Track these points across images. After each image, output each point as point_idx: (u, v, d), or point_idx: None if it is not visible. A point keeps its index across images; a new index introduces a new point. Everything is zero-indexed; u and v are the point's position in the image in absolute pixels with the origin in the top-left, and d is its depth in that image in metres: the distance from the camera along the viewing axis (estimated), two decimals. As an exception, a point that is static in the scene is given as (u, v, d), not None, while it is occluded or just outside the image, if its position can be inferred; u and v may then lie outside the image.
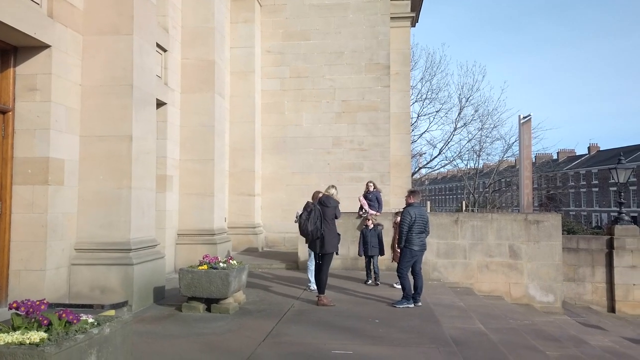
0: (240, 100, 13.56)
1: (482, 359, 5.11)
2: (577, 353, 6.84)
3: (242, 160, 13.48)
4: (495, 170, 35.97)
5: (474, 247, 10.73)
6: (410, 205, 7.30)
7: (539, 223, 10.53)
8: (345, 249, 10.45)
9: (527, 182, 15.28)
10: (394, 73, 14.98)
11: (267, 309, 6.68)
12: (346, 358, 4.68)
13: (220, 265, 6.51)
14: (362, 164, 14.30)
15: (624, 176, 14.16)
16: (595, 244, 13.16)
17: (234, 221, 13.11)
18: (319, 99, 14.30)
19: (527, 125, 15.05)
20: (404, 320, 6.27)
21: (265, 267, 10.64)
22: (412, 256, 7.17)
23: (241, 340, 5.22)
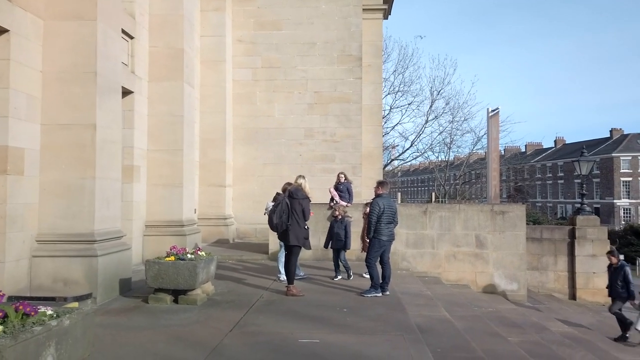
0: (211, 89, 13.38)
1: (446, 346, 5.24)
2: (537, 339, 7.09)
3: (212, 151, 13.34)
4: (465, 163, 36.66)
5: (442, 237, 10.94)
6: (379, 196, 7.38)
7: (504, 214, 10.81)
8: (316, 239, 10.46)
9: (494, 174, 15.63)
10: (366, 65, 15.02)
11: (235, 300, 6.66)
12: (313, 347, 4.72)
13: (187, 256, 6.45)
14: (334, 156, 14.35)
15: (586, 168, 14.65)
16: (558, 234, 13.61)
17: (204, 212, 12.99)
18: (291, 89, 14.24)
19: (495, 118, 15.37)
20: (371, 309, 6.36)
21: (235, 259, 10.60)
22: (381, 246, 7.26)
23: (208, 331, 5.20)
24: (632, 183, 61.10)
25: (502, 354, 5.56)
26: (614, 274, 9.26)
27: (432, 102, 31.90)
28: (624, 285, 9.01)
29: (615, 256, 9.40)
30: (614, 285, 9.19)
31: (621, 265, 9.23)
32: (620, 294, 9.06)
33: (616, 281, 9.15)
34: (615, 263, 9.32)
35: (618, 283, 9.08)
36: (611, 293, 9.33)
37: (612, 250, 9.64)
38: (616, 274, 9.20)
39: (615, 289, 9.17)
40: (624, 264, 9.30)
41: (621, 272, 9.10)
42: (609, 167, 62.16)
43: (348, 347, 4.73)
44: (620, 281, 9.06)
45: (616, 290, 9.14)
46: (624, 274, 9.05)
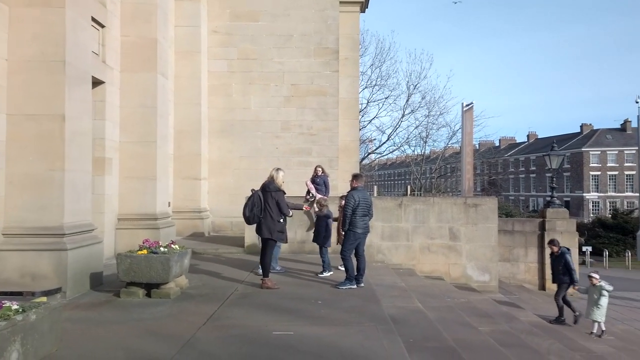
0: (186, 81, 13.17)
1: (418, 336, 5.33)
2: (507, 328, 7.26)
3: (187, 144, 13.16)
4: (440, 157, 37.15)
5: (417, 229, 11.08)
6: (354, 189, 7.41)
7: (477, 206, 11.02)
8: (293, 232, 10.49)
9: (468, 167, 15.93)
10: (343, 58, 15.02)
11: (210, 293, 6.62)
12: (287, 339, 4.74)
13: (161, 249, 6.37)
14: (311, 149, 14.34)
15: (556, 162, 15.03)
16: (529, 226, 13.95)
17: (179, 206, 12.83)
18: (268, 82, 14.14)
19: (469, 112, 15.63)
20: (346, 300, 6.41)
21: (210, 252, 10.51)
22: (356, 239, 7.30)
23: (181, 325, 5.16)
24: (600, 177, 63.04)
25: (473, 343, 5.68)
26: (556, 261, 9.61)
27: (408, 96, 32.23)
28: (566, 272, 9.37)
29: (555, 245, 9.68)
30: (557, 272, 9.56)
31: (562, 253, 9.52)
32: (563, 280, 9.43)
33: (558, 268, 9.51)
34: (556, 251, 9.63)
35: (560, 269, 9.45)
36: (555, 280, 9.71)
37: (552, 240, 9.92)
38: (557, 262, 9.54)
39: (558, 276, 9.54)
40: (565, 251, 9.58)
41: (562, 260, 9.43)
42: (579, 161, 63.97)
43: (322, 338, 4.77)
44: (562, 268, 9.41)
45: (559, 277, 9.51)
46: (565, 261, 9.38)
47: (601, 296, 8.88)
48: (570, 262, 9.41)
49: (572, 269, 9.42)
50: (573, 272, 9.41)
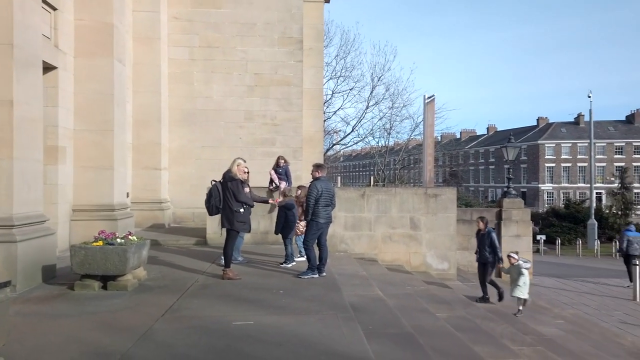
0: (145, 68, 12.79)
1: (378, 323, 5.42)
2: (464, 314, 7.50)
3: (147, 132, 12.82)
4: (403, 148, 37.72)
5: (379, 219, 11.23)
6: (317, 179, 7.42)
7: (437, 197, 11.27)
8: (255, 223, 10.42)
9: (429, 158, 16.19)
10: (307, 48, 14.95)
11: (169, 285, 6.51)
12: (246, 328, 4.72)
13: (117, 240, 6.20)
14: (275, 139, 14.26)
15: (512, 154, 15.54)
16: (486, 215, 14.35)
17: (138, 196, 12.51)
18: (231, 70, 13.92)
19: (430, 105, 15.86)
20: (307, 290, 6.44)
21: (171, 243, 10.32)
22: (318, 229, 7.32)
23: (138, 317, 5.05)
24: (555, 169, 65.71)
25: (430, 328, 5.83)
26: (482, 239, 9.62)
27: (372, 87, 32.50)
28: (492, 251, 9.44)
29: (483, 222, 9.72)
30: (482, 250, 9.58)
31: (488, 232, 9.57)
32: (488, 259, 9.49)
33: (484, 247, 9.53)
34: (483, 229, 9.66)
35: (486, 248, 9.49)
36: (479, 259, 9.72)
37: (482, 217, 9.93)
38: (484, 240, 9.56)
39: (483, 254, 9.56)
40: (491, 230, 9.64)
41: (488, 238, 9.48)
42: (535, 153, 66.44)
43: (282, 327, 4.78)
44: (487, 246, 9.47)
45: (484, 255, 9.53)
46: (491, 240, 9.45)
47: (520, 275, 9.03)
48: (495, 241, 9.48)
49: (497, 247, 9.50)
50: (498, 251, 9.48)
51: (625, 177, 36.89)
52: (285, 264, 8.13)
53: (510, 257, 9.33)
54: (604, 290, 14.28)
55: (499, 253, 9.48)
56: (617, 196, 34.29)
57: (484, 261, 9.59)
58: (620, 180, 36.78)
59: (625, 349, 8.16)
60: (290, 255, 8.23)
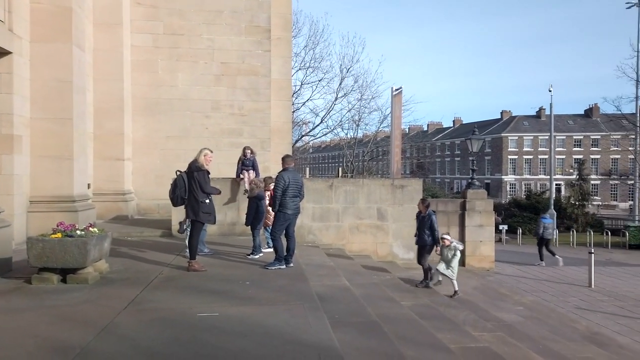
0: (106, 55, 12.36)
1: (344, 312, 5.47)
2: (428, 302, 7.68)
3: (109, 122, 12.43)
4: (372, 140, 38.01)
5: (347, 210, 11.32)
6: (284, 170, 7.38)
7: (403, 188, 11.44)
8: (222, 214, 10.34)
9: (397, 150, 16.40)
10: (276, 38, 14.79)
11: (132, 277, 6.37)
12: (212, 320, 4.68)
13: (77, 232, 6.01)
14: (242, 130, 14.09)
15: (476, 146, 15.91)
16: (451, 206, 14.69)
17: (100, 187, 12.16)
18: (197, 59, 13.63)
19: (398, 97, 16.03)
20: (274, 280, 6.43)
21: (135, 235, 10.09)
22: (286, 220, 7.30)
23: (99, 310, 4.93)
24: (517, 161, 67.75)
25: (395, 316, 5.94)
26: (422, 222, 9.48)
27: (341, 79, 32.49)
28: (431, 234, 9.34)
29: (424, 205, 9.58)
30: (422, 233, 9.46)
31: (429, 214, 9.45)
32: (427, 242, 9.39)
33: (423, 229, 9.41)
34: (424, 211, 9.51)
35: (425, 231, 9.38)
36: (419, 241, 9.60)
37: (424, 200, 9.79)
38: (424, 222, 9.44)
39: (422, 237, 9.44)
40: (431, 212, 9.52)
41: (428, 221, 9.37)
42: (499, 146, 68.29)
43: (247, 318, 4.76)
44: (427, 229, 9.36)
45: (423, 238, 9.42)
46: (431, 222, 9.34)
47: (454, 256, 9.09)
48: (435, 224, 9.39)
49: (436, 230, 9.40)
50: (436, 234, 9.39)
51: (583, 169, 38.32)
52: (253, 255, 8.08)
53: (444, 238, 9.35)
54: (562, 278, 14.89)
55: (437, 236, 9.42)
56: (575, 187, 35.60)
57: (423, 244, 9.51)
58: (578, 172, 38.19)
59: (580, 333, 8.55)
60: (258, 247, 8.18)
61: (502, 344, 6.15)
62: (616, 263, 18.61)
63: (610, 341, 8.41)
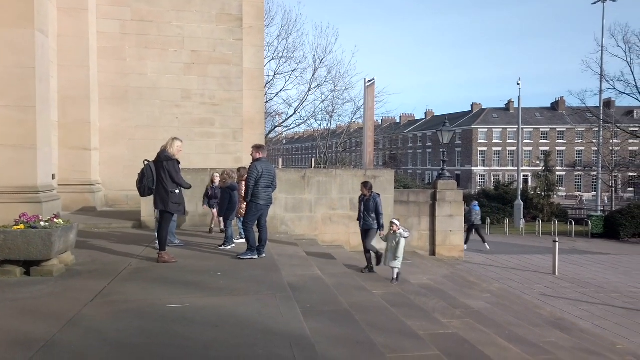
0: (71, 41, 11.94)
1: (315, 301, 5.50)
2: (399, 290, 7.79)
3: (74, 110, 12.04)
4: (345, 131, 38.11)
5: (320, 201, 11.34)
6: (257, 160, 7.33)
7: (375, 178, 11.52)
8: (193, 205, 10.21)
9: (369, 141, 16.50)
10: (248, 27, 14.59)
11: (99, 269, 6.23)
12: (182, 311, 4.62)
13: (41, 224, 5.82)
14: (214, 120, 13.89)
15: (447, 137, 16.16)
16: (422, 197, 14.91)
17: (66, 178, 11.80)
18: (166, 47, 13.31)
19: (371, 88, 16.10)
20: (246, 271, 6.40)
21: (103, 227, 9.86)
22: (258, 210, 7.26)
23: (65, 302, 4.80)
24: (487, 152, 69.24)
25: (366, 305, 6.01)
26: (367, 205, 8.93)
27: (315, 70, 32.37)
28: (376, 217, 8.85)
29: (367, 187, 9.00)
30: (367, 217, 8.93)
31: (373, 197, 8.91)
32: (372, 225, 8.89)
33: (369, 212, 8.89)
34: (368, 194, 8.96)
35: (371, 215, 8.86)
36: (363, 225, 9.03)
37: (366, 183, 9.16)
38: (368, 205, 8.90)
39: (366, 221, 8.91)
40: (376, 195, 8.98)
41: (373, 204, 8.87)
42: (469, 137, 69.61)
43: (219, 308, 4.72)
44: (372, 212, 8.86)
45: (367, 222, 8.90)
46: (376, 205, 8.85)
47: (398, 244, 8.51)
48: (380, 207, 8.91)
49: (381, 213, 8.92)
50: (381, 217, 8.90)
51: (549, 160, 39.48)
52: (225, 246, 8.02)
53: (393, 223, 8.74)
54: (528, 266, 15.35)
55: (381, 220, 8.91)
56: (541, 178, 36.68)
57: (368, 228, 8.96)
58: (544, 163, 39.32)
59: (544, 319, 8.85)
60: (230, 238, 8.13)
61: (470, 330, 6.31)
62: (579, 251, 19.32)
63: (572, 326, 8.75)
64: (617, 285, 12.75)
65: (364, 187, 9.05)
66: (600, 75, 32.10)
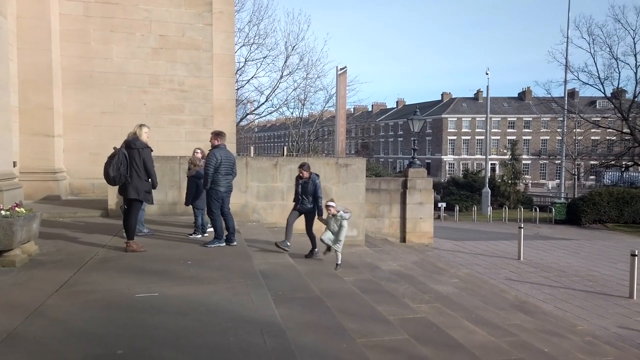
0: (32, 22, 11.42)
1: (287, 288, 5.52)
2: (369, 277, 7.90)
3: (36, 95, 11.56)
4: (317, 120, 38.03)
5: (292, 189, 11.16)
6: (216, 147, 7.22)
7: (347, 166, 11.57)
8: (163, 194, 10.04)
9: (341, 130, 16.54)
10: (218, 12, 14.28)
11: (64, 259, 6.06)
12: (151, 300, 4.55)
13: (1, 213, 5.61)
14: (183, 106, 13.61)
15: (418, 126, 16.35)
16: (393, 185, 15.11)
17: (28, 166, 11.37)
18: (133, 30, 12.90)
19: (343, 76, 16.08)
20: (217, 259, 6.34)
21: (68, 216, 9.58)
22: (219, 197, 7.17)
23: (28, 293, 4.66)
24: (456, 141, 70.46)
25: (337, 291, 6.06)
26: (304, 187, 8.07)
27: (286, 57, 32.01)
28: (313, 200, 7.98)
29: (304, 168, 8.07)
30: (305, 200, 8.09)
31: (312, 179, 8.03)
32: (309, 210, 8.09)
33: (307, 196, 8.04)
34: (306, 177, 8.05)
35: (308, 198, 8.03)
36: (300, 208, 8.18)
37: (304, 164, 8.26)
38: (306, 189, 8.03)
39: (304, 205, 8.08)
40: (315, 177, 8.10)
41: (312, 186, 7.99)
42: (439, 126, 70.64)
43: (189, 297, 4.67)
44: (310, 195, 8.01)
45: (306, 206, 8.07)
46: (315, 187, 7.97)
47: (341, 227, 7.72)
48: (318, 190, 8.02)
49: (320, 197, 8.03)
50: (319, 201, 8.00)
51: (516, 149, 40.57)
52: (195, 235, 7.93)
53: (329, 206, 7.79)
54: (494, 252, 15.81)
55: (320, 203, 8.02)
56: (508, 167, 37.67)
57: (306, 211, 8.19)
58: (511, 152, 40.36)
59: (509, 302, 9.15)
60: (200, 226, 8.03)
61: (439, 314, 6.47)
62: (543, 237, 20.01)
63: (536, 309, 9.08)
64: (578, 269, 13.29)
65: (302, 169, 8.13)
66: (565, 66, 33.00)
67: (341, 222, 7.78)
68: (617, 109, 32.10)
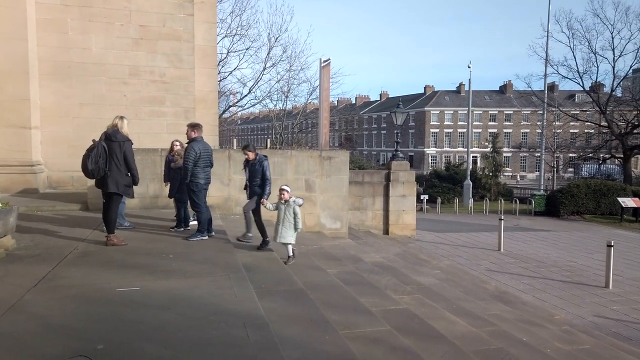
0: (6, 11, 11.09)
1: (270, 281, 5.51)
2: (352, 269, 7.94)
3: (11, 86, 11.26)
4: (301, 112, 37.92)
5: (275, 182, 11.05)
6: (193, 140, 7.15)
7: (331, 159, 11.58)
8: (144, 187, 9.91)
9: (325, 122, 16.50)
10: (199, 2, 14.07)
11: (43, 254, 5.95)
12: (132, 294, 4.51)
13: (-24, 207, 5.48)
14: (165, 98, 13.41)
15: (401, 119, 16.42)
16: (377, 177, 15.17)
17: (4, 158, 11.11)
18: (112, 20, 12.63)
19: (326, 68, 16.02)
20: (200, 253, 6.31)
21: (46, 210, 9.40)
22: (200, 189, 7.14)
23: (5, 288, 4.58)
24: (439, 134, 71.04)
25: (320, 284, 6.09)
26: (253, 171, 7.31)
27: (269, 48, 31.79)
28: (261, 183, 7.23)
29: (252, 151, 7.34)
30: (254, 184, 7.33)
31: (259, 160, 7.27)
32: (258, 193, 7.27)
33: (255, 179, 7.29)
34: (253, 159, 7.30)
35: (257, 181, 7.27)
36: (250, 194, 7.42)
37: (247, 146, 7.46)
38: (254, 171, 7.29)
39: (253, 189, 7.33)
40: (262, 158, 7.33)
41: (260, 167, 7.22)
42: (422, 119, 71.10)
43: (171, 291, 4.64)
44: (258, 178, 7.25)
45: (254, 189, 7.32)
46: (263, 170, 7.21)
47: (295, 215, 6.90)
48: (267, 171, 7.25)
49: (268, 179, 7.25)
50: (268, 184, 7.24)
51: (497, 142, 41.02)
52: (177, 228, 7.86)
53: (283, 190, 6.95)
54: (475, 243, 16.03)
55: (267, 187, 7.23)
56: (489, 159, 38.12)
57: (256, 194, 7.36)
58: (492, 145, 40.83)
59: (489, 293, 9.31)
60: (182, 219, 7.96)
61: (420, 305, 6.54)
62: (523, 228, 20.36)
63: (515, 299, 9.26)
64: (556, 260, 13.57)
65: (246, 150, 7.36)
66: (545, 60, 33.41)
67: (294, 209, 6.89)
68: (595, 102, 32.70)
